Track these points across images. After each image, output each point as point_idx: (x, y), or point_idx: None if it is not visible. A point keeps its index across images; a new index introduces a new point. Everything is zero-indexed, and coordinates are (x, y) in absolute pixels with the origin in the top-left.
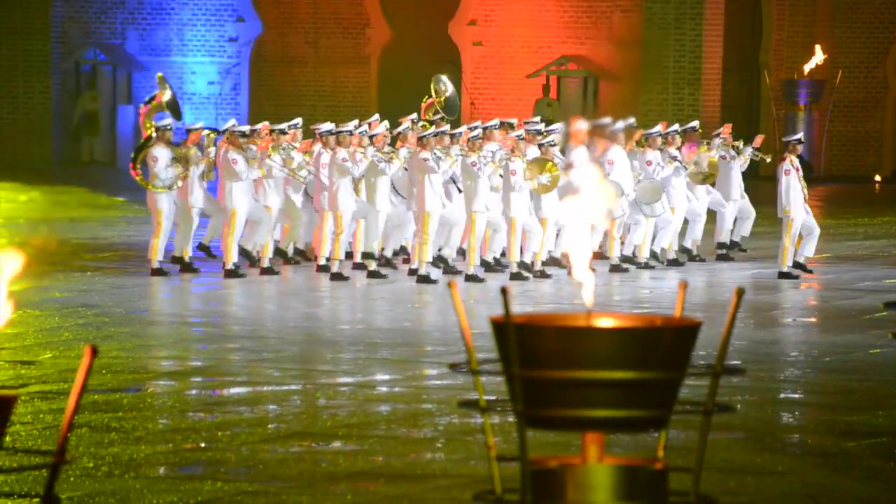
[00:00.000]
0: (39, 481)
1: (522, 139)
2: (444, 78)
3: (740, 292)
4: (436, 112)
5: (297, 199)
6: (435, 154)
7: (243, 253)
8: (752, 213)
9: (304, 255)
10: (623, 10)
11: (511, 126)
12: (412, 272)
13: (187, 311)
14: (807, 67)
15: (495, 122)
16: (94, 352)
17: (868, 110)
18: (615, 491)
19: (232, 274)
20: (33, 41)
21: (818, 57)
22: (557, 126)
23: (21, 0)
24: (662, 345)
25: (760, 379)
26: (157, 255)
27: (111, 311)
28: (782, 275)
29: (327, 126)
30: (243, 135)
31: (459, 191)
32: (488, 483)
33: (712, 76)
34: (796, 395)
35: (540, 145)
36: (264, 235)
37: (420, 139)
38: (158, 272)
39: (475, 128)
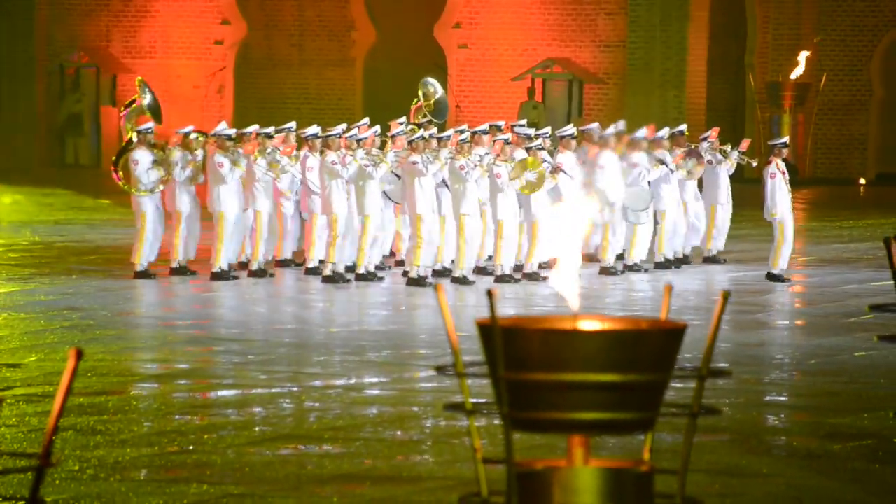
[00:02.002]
0: (25, 484)
1: (509, 143)
2: (433, 80)
3: (726, 295)
4: (424, 115)
5: (289, 206)
6: (425, 157)
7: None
8: (726, 224)
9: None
10: (608, 12)
11: (499, 129)
12: (405, 274)
13: (173, 314)
14: (794, 73)
15: (484, 126)
16: (80, 355)
17: (853, 113)
18: (601, 493)
19: (219, 276)
20: (17, 43)
21: (802, 59)
22: (546, 130)
23: (5, 2)
24: (648, 347)
25: (746, 381)
26: (140, 259)
27: (96, 313)
28: (772, 277)
29: (313, 129)
30: (230, 138)
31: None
32: (474, 485)
33: (697, 79)
34: (782, 398)
35: (528, 149)
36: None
37: (410, 142)
38: (142, 275)
39: (463, 131)
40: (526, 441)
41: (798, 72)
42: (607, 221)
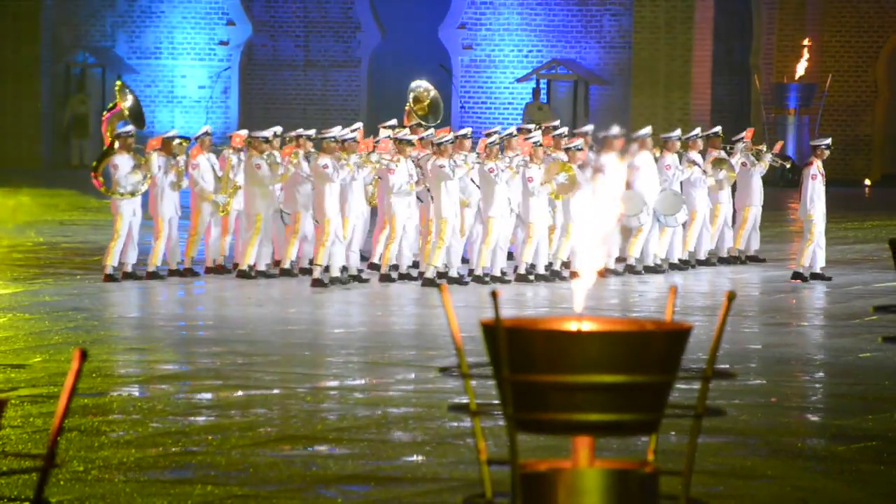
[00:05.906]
0: (29, 485)
1: (540, 146)
2: (422, 81)
3: (731, 296)
4: (416, 121)
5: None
6: (452, 161)
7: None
8: (758, 224)
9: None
10: (613, 13)
11: (529, 132)
12: (420, 275)
13: (178, 315)
14: (799, 68)
15: (512, 129)
16: (84, 355)
17: (858, 114)
18: (606, 495)
19: (244, 275)
20: (23, 44)
21: (804, 58)
22: (563, 130)
23: (11, 3)
24: (653, 349)
25: (751, 383)
26: (111, 261)
27: (101, 314)
28: (796, 275)
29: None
30: (266, 140)
31: (433, 199)
32: (479, 487)
33: (702, 80)
34: (787, 399)
35: (567, 149)
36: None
37: (437, 146)
38: (111, 279)
39: (491, 134)
40: (530, 442)
41: (802, 64)
42: (642, 224)
